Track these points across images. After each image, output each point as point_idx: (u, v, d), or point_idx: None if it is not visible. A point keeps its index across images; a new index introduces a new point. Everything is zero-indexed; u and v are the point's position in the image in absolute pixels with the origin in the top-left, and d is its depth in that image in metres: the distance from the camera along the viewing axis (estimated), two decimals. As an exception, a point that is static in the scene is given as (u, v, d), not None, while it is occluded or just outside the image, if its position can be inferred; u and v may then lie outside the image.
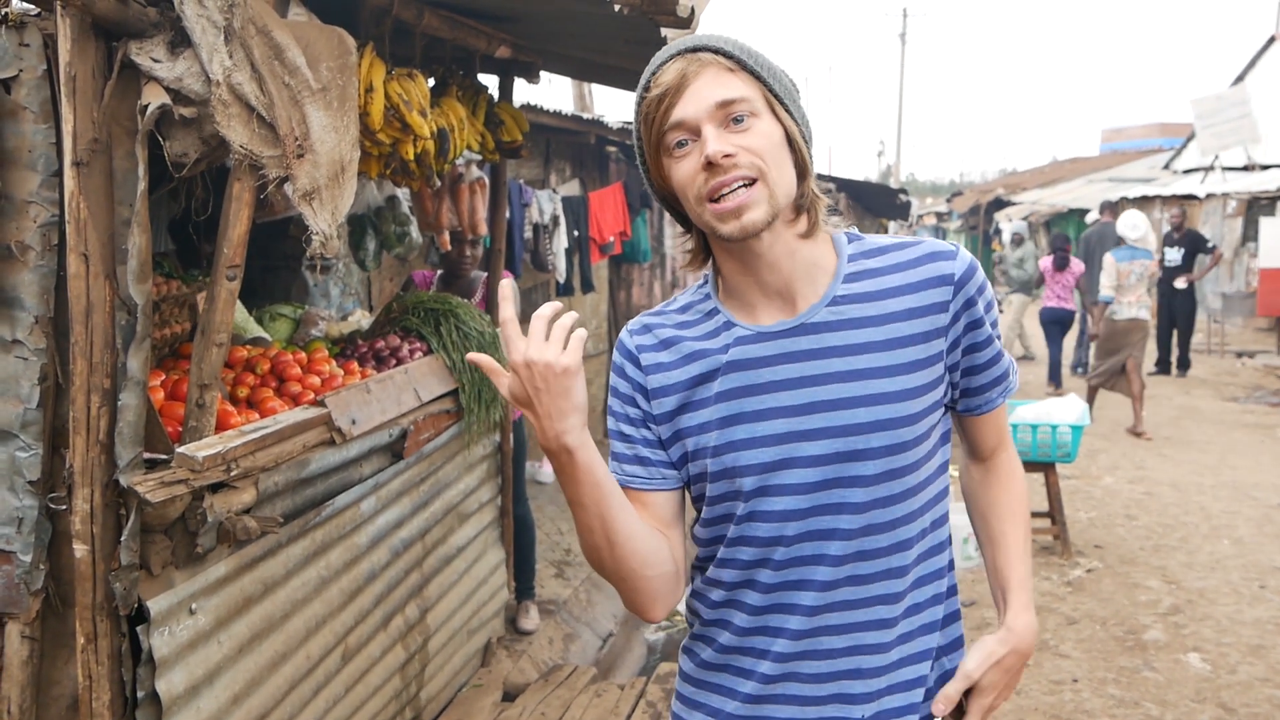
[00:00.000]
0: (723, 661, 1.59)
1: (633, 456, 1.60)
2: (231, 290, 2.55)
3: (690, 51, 1.46)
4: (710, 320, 1.57)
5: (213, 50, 2.36)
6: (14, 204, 2.44)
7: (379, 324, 4.20)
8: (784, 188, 1.45)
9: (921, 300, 1.50)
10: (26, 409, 2.46)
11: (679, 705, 1.67)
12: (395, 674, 3.67)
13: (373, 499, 3.43)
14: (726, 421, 1.51)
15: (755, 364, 1.51)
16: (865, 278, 1.52)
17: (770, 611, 1.53)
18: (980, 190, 34.70)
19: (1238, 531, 6.64)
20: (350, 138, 2.65)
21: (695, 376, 1.54)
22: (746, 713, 1.56)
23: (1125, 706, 4.31)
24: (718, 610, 1.59)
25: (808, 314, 1.50)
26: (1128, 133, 36.78)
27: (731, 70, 1.44)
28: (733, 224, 1.43)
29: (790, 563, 1.51)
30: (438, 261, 5.42)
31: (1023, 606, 1.58)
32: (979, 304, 1.53)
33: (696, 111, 1.43)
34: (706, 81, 1.43)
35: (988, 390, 1.59)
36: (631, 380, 1.60)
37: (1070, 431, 5.92)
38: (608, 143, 8.68)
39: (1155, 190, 19.30)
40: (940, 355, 1.51)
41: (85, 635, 2.39)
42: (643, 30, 3.75)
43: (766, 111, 1.45)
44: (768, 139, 1.43)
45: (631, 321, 1.66)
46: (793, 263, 1.50)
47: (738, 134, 1.42)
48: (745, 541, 1.53)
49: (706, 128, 1.42)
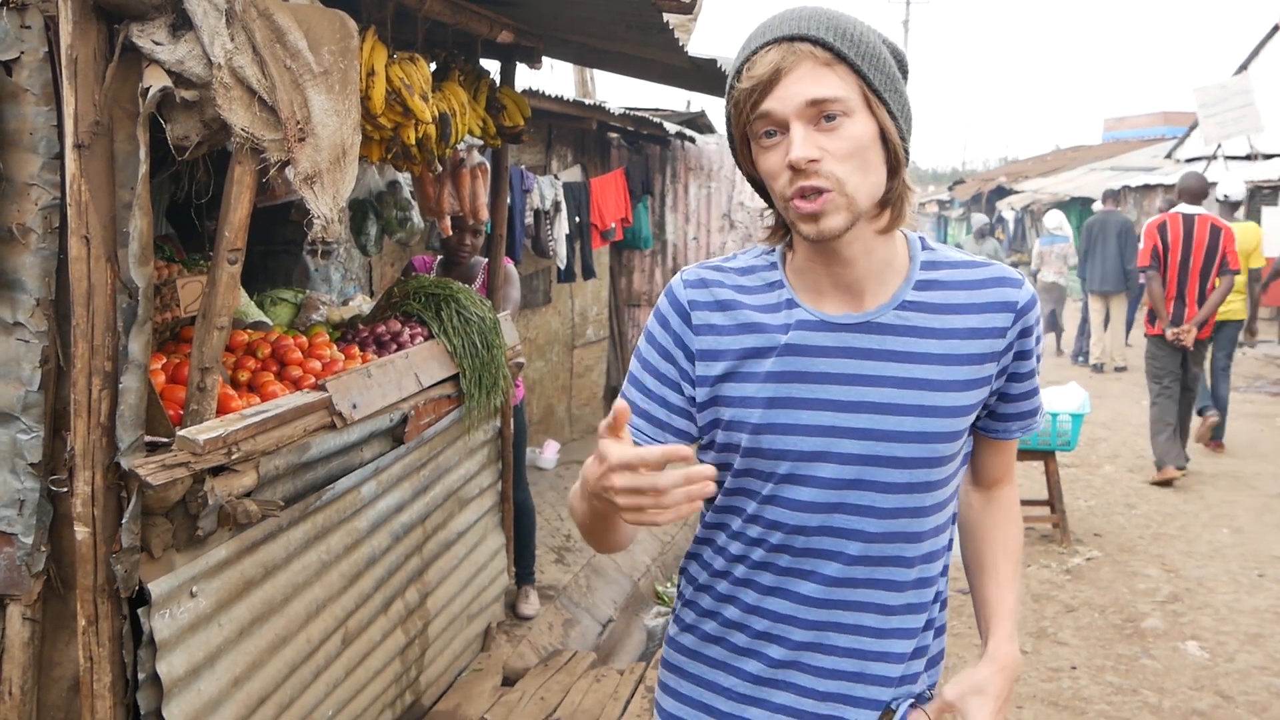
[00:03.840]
0: (721, 635, 1.59)
1: (645, 411, 1.57)
2: (233, 274, 2.55)
3: (787, 40, 1.38)
4: (773, 292, 1.54)
5: (214, 33, 2.35)
6: (15, 186, 2.43)
7: (380, 309, 4.19)
8: (866, 192, 1.40)
9: (984, 322, 1.50)
10: (28, 391, 2.46)
11: (666, 674, 1.67)
12: (395, 658, 3.68)
13: (373, 483, 3.43)
14: (773, 403, 1.48)
15: (813, 351, 1.48)
16: (934, 288, 1.51)
17: (774, 595, 1.54)
18: (982, 179, 34.59)
19: (1237, 520, 6.65)
20: (352, 122, 2.65)
21: (749, 349, 1.50)
22: (750, 692, 1.57)
23: (1123, 694, 4.32)
24: (717, 580, 1.59)
25: (875, 313, 1.49)
26: (1130, 121, 36.63)
27: (828, 64, 1.37)
28: (811, 228, 1.40)
29: (805, 553, 1.51)
30: (439, 247, 5.41)
31: (1007, 636, 1.58)
32: (1031, 336, 1.54)
33: (785, 108, 1.37)
34: (800, 76, 1.37)
35: (1010, 420, 1.61)
36: (675, 335, 1.55)
37: (1070, 420, 5.93)
38: (609, 129, 8.66)
39: (1158, 179, 19.25)
40: (989, 379, 1.52)
41: (86, 617, 2.40)
42: (645, 15, 3.74)
43: (862, 108, 1.39)
44: (857, 141, 1.38)
45: (687, 270, 1.60)
46: (868, 260, 1.48)
47: (827, 134, 1.37)
48: (761, 523, 1.52)
49: (795, 126, 1.37)
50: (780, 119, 1.38)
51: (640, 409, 1.57)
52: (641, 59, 5.24)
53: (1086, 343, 13.26)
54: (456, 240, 4.84)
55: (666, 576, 6.11)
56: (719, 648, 1.59)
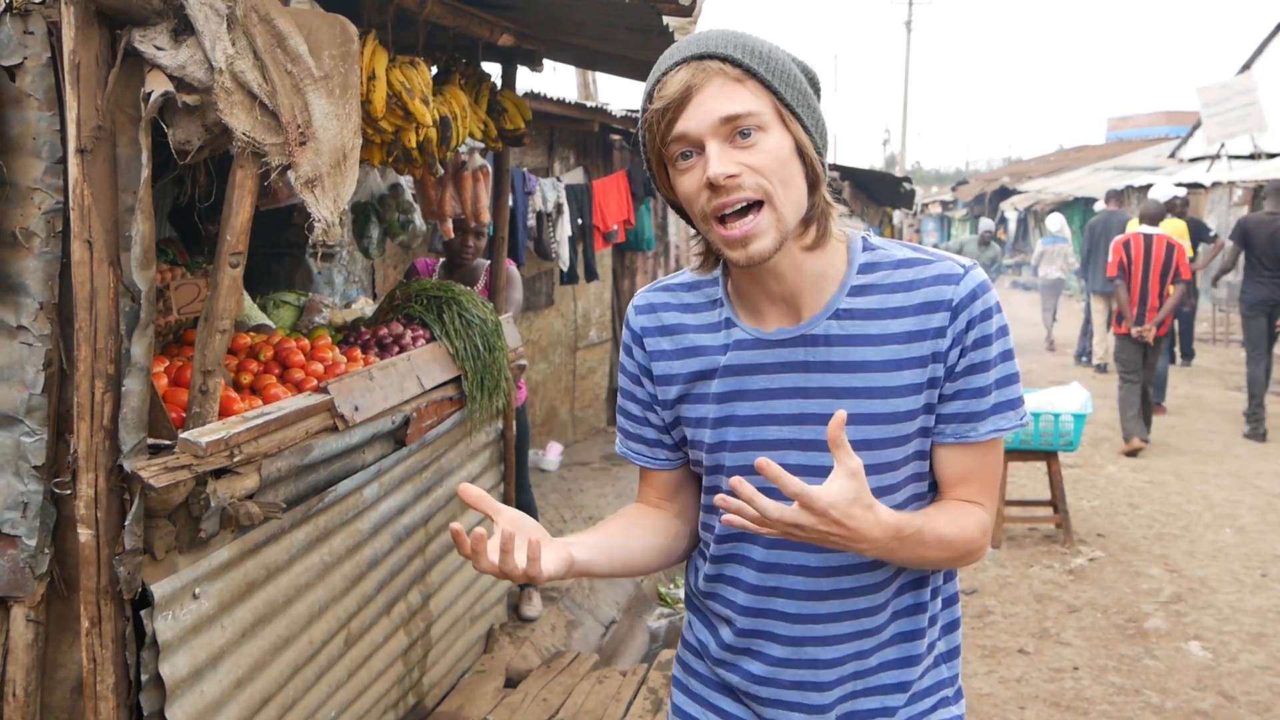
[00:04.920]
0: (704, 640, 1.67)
1: (636, 435, 1.66)
2: (235, 277, 2.56)
3: (696, 59, 1.37)
4: (714, 311, 1.56)
5: (215, 38, 2.36)
6: (18, 191, 2.45)
7: (382, 311, 4.21)
8: (792, 206, 1.39)
9: (921, 324, 1.45)
10: (31, 394, 2.47)
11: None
12: (398, 660, 3.69)
13: (375, 485, 3.44)
14: (719, 422, 1.52)
15: (751, 369, 1.50)
16: (870, 293, 1.47)
17: (757, 614, 1.57)
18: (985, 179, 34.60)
19: (1240, 520, 6.64)
20: (352, 125, 2.66)
21: (695, 373, 1.55)
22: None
23: (1126, 694, 4.32)
24: (710, 584, 1.64)
25: (809, 325, 1.48)
26: (1134, 121, 36.60)
27: (739, 80, 1.36)
28: (739, 252, 1.39)
29: (768, 568, 1.54)
30: (441, 249, 5.42)
31: (888, 516, 1.37)
32: (975, 330, 1.45)
33: (699, 127, 1.36)
34: (711, 94, 1.36)
35: (945, 421, 1.49)
36: (638, 362, 1.62)
37: (1073, 420, 5.92)
38: (611, 131, 8.67)
39: (1161, 179, 19.23)
40: (938, 381, 1.46)
41: (89, 619, 2.41)
42: (645, 18, 3.75)
43: (776, 123, 1.38)
44: (774, 155, 1.37)
45: (638, 295, 1.64)
46: (799, 275, 1.47)
47: (743, 150, 1.36)
48: (731, 538, 1.57)
49: (710, 144, 1.36)
50: (695, 138, 1.37)
51: (632, 434, 1.67)
52: (642, 61, 5.25)
53: (1089, 343, 13.24)
54: (459, 243, 4.85)
55: (670, 578, 6.11)
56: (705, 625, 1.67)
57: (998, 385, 1.48)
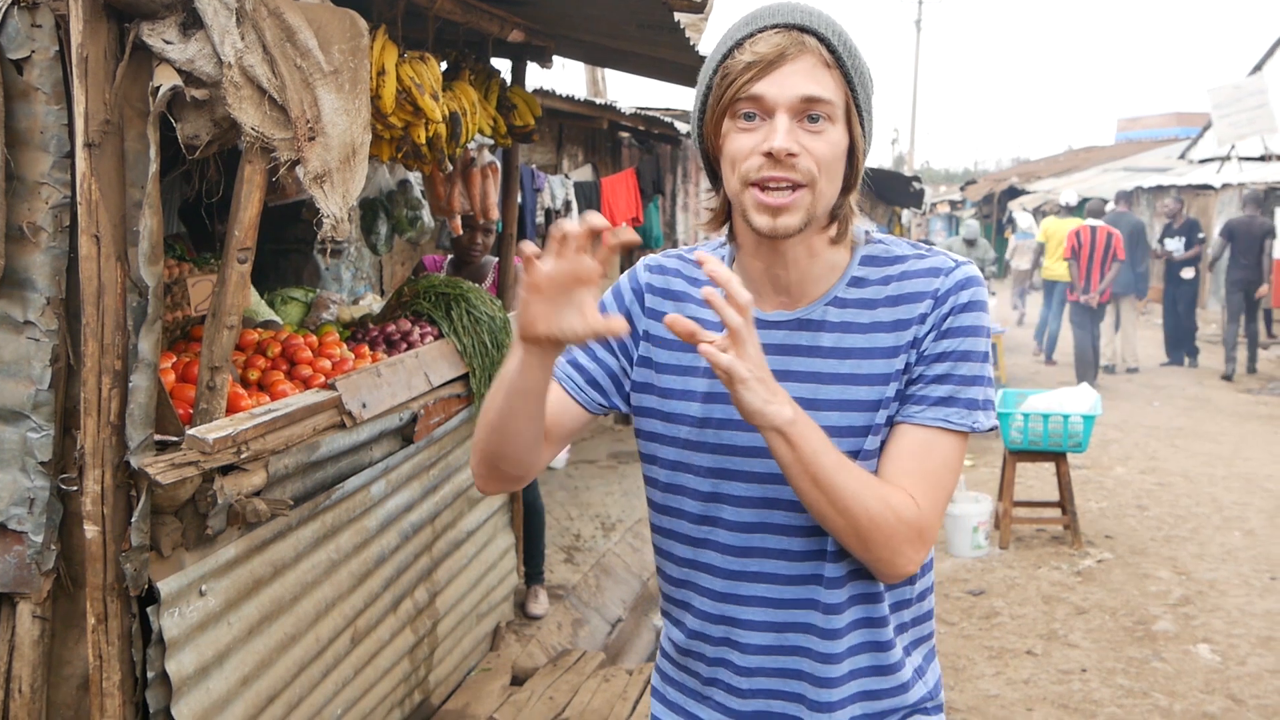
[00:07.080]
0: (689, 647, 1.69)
1: (574, 360, 1.60)
2: (243, 273, 2.55)
3: (796, 29, 1.37)
4: (718, 287, 1.55)
5: (224, 32, 2.35)
6: (26, 185, 2.44)
7: (390, 308, 4.20)
8: (827, 200, 1.41)
9: (907, 313, 1.46)
10: (38, 390, 2.46)
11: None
12: (404, 657, 3.68)
13: (383, 483, 3.44)
14: (710, 398, 1.51)
15: None
16: (868, 284, 1.50)
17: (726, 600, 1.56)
18: (994, 179, 34.49)
19: (1249, 523, 6.61)
20: (362, 121, 2.65)
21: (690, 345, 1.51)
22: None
23: (1134, 697, 4.30)
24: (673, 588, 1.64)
25: (807, 310, 1.49)
26: (1144, 122, 36.49)
27: (828, 66, 1.37)
28: (767, 220, 1.39)
29: (744, 552, 1.52)
30: (449, 246, 5.41)
31: (788, 406, 1.34)
32: (954, 319, 1.45)
33: (779, 96, 1.36)
34: (800, 69, 1.36)
35: (902, 401, 1.46)
36: (625, 310, 1.60)
37: (1082, 421, 5.90)
38: (621, 128, 8.66)
39: (1171, 180, 19.18)
40: (910, 366, 1.46)
41: (96, 616, 2.41)
42: (656, 14, 3.74)
43: (843, 119, 1.39)
44: (833, 150, 1.38)
45: (652, 256, 1.65)
46: (808, 264, 1.48)
47: (808, 134, 1.37)
48: (705, 520, 1.55)
49: (780, 116, 1.36)
50: (769, 105, 1.37)
51: (573, 360, 1.60)
52: (653, 58, 5.23)
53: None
54: (467, 239, 4.85)
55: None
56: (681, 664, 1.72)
57: (960, 380, 1.45)
